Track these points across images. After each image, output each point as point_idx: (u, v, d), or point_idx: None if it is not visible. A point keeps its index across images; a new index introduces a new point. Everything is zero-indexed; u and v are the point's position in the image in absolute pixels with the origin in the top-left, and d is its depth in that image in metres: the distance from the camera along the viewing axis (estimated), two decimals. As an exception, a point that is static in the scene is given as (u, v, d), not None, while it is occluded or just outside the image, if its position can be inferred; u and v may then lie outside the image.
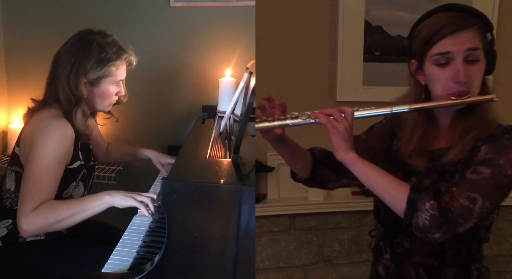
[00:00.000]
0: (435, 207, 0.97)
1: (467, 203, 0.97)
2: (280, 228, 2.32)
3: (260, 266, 2.31)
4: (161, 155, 2.04)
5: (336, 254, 2.37)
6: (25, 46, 2.46)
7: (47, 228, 1.45)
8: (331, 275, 2.38)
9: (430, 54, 1.07)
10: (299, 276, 2.37)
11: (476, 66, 1.06)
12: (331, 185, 1.28)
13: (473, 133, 1.07)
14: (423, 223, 0.97)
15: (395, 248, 1.19)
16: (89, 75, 1.57)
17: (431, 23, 1.08)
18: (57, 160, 1.48)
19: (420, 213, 0.98)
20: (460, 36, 1.04)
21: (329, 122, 1.05)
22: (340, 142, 1.05)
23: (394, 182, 1.05)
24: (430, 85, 1.11)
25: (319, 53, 2.32)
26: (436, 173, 1.10)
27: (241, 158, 1.43)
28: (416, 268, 1.15)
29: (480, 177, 0.99)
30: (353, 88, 2.32)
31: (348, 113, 1.06)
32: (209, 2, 2.40)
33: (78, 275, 1.31)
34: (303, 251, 2.35)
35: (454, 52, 1.04)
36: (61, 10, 2.43)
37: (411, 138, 1.14)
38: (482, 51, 1.07)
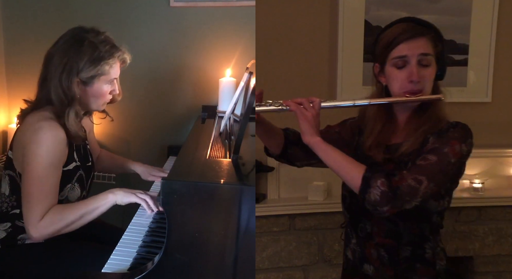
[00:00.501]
0: (385, 184, 1.11)
1: (414, 183, 1.11)
2: (280, 228, 2.32)
3: (260, 266, 2.31)
4: (150, 168, 1.97)
5: (336, 254, 2.37)
6: (25, 46, 2.45)
7: (57, 233, 1.47)
8: (331, 275, 2.38)
9: (390, 58, 1.23)
10: (299, 276, 2.37)
11: (428, 69, 1.22)
12: (299, 163, 1.40)
13: (423, 127, 1.22)
14: (374, 198, 1.11)
15: (359, 232, 1.32)
16: (82, 75, 1.52)
17: (391, 32, 1.25)
18: (53, 164, 1.47)
19: (372, 189, 1.12)
20: (414, 42, 1.21)
21: (298, 109, 1.22)
22: (307, 127, 1.21)
23: (352, 162, 1.19)
24: (389, 85, 1.26)
25: (319, 53, 2.32)
26: (392, 164, 1.24)
27: (241, 158, 1.43)
28: (377, 249, 1.28)
29: (427, 163, 1.14)
30: (353, 88, 2.32)
31: (316, 103, 1.23)
32: (209, 2, 2.40)
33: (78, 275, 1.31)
34: (303, 251, 2.35)
35: (409, 55, 1.21)
36: (61, 10, 2.42)
37: (371, 132, 1.30)
38: (434, 57, 1.23)
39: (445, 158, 1.14)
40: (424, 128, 1.21)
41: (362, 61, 2.31)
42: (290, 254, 2.34)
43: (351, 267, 1.36)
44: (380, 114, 1.29)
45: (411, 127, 1.25)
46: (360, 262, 1.32)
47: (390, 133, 1.29)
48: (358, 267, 1.33)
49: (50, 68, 1.54)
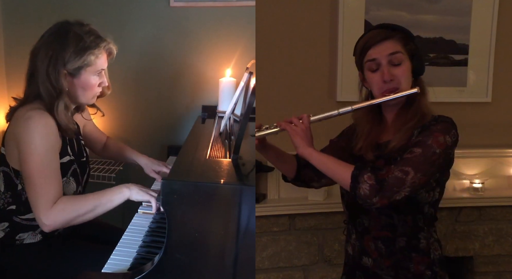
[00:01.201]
0: (372, 178, 1.19)
1: (401, 175, 1.19)
2: (280, 228, 2.32)
3: (260, 266, 2.31)
4: (153, 162, 1.96)
5: (336, 254, 2.37)
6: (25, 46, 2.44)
7: (68, 223, 1.47)
8: (331, 275, 2.38)
9: (364, 63, 1.34)
10: (299, 276, 2.37)
11: (400, 67, 1.30)
12: (316, 184, 1.50)
13: (409, 123, 1.29)
14: (364, 192, 1.19)
15: (357, 227, 1.39)
16: (68, 66, 1.51)
17: (363, 40, 1.35)
18: (50, 150, 1.47)
19: (361, 184, 1.20)
20: (382, 45, 1.30)
21: (288, 126, 1.32)
22: (298, 141, 1.30)
23: (342, 165, 1.27)
24: (371, 89, 1.36)
25: (319, 53, 2.32)
26: (383, 160, 1.31)
27: (241, 158, 1.44)
28: (374, 242, 1.35)
29: (412, 155, 1.21)
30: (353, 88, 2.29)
31: (304, 118, 1.32)
32: (209, 2, 2.40)
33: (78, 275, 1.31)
34: (303, 251, 2.35)
35: (379, 58, 1.30)
36: (61, 10, 2.42)
37: (361, 134, 1.39)
38: (406, 55, 1.30)
39: (429, 149, 1.21)
40: (410, 124, 1.29)
41: (362, 61, 2.31)
42: (290, 254, 2.34)
43: (351, 261, 1.43)
44: (368, 116, 1.38)
45: (398, 124, 1.33)
46: (359, 256, 1.39)
47: (379, 132, 1.38)
48: (358, 261, 1.40)
49: (37, 62, 1.53)
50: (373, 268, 1.36)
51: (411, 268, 1.32)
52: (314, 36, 2.30)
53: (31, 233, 1.59)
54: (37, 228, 1.58)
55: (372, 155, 1.34)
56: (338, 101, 2.31)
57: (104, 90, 1.68)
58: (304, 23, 2.29)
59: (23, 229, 1.58)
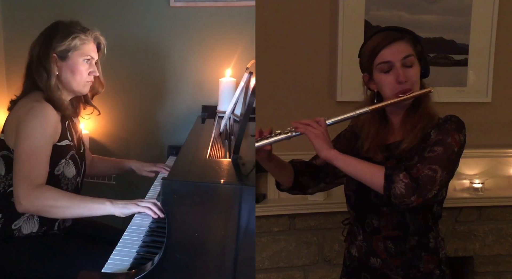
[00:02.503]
0: (407, 176, 1.19)
1: (431, 173, 1.20)
2: (280, 228, 2.32)
3: (260, 266, 2.31)
4: (144, 164, 2.01)
5: (336, 254, 2.37)
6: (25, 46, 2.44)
7: (42, 210, 1.49)
8: (331, 275, 2.38)
9: (375, 64, 1.32)
10: (299, 276, 2.37)
11: (412, 69, 1.30)
12: (310, 190, 1.50)
13: (420, 125, 1.30)
14: (400, 191, 1.18)
15: (366, 228, 1.38)
16: (57, 48, 1.62)
17: (372, 41, 1.34)
18: (44, 139, 1.53)
19: (396, 184, 1.19)
20: (394, 47, 1.30)
21: (307, 129, 1.28)
22: (320, 143, 1.27)
23: (372, 166, 1.26)
24: (380, 90, 1.35)
25: (319, 53, 2.32)
26: (394, 160, 1.31)
27: (241, 158, 1.44)
28: (384, 242, 1.35)
29: (435, 154, 1.22)
30: (353, 88, 2.30)
31: (321, 121, 1.30)
32: (209, 2, 2.40)
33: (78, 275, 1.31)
34: (303, 251, 2.35)
35: (392, 60, 1.29)
36: (61, 10, 2.42)
37: (367, 136, 1.38)
38: (416, 57, 1.32)
39: (450, 147, 1.23)
40: (421, 125, 1.30)
41: (362, 61, 2.31)
42: (290, 254, 2.34)
43: (356, 263, 1.42)
44: (373, 118, 1.38)
45: (407, 126, 1.34)
46: (366, 257, 1.38)
47: (386, 134, 1.38)
48: (364, 262, 1.39)
49: (32, 52, 1.66)
50: (382, 268, 1.36)
51: (421, 267, 1.33)
52: (314, 36, 2.30)
53: (27, 217, 1.60)
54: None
55: (382, 156, 1.34)
56: (338, 101, 2.31)
57: (97, 87, 1.77)
58: (304, 23, 2.29)
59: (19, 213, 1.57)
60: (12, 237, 1.59)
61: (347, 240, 1.48)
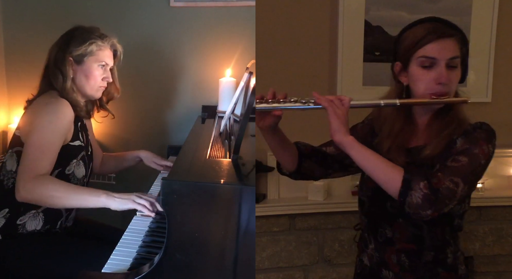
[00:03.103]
0: (427, 186, 1.07)
1: (452, 186, 1.09)
2: (280, 228, 2.32)
3: (260, 266, 2.31)
4: (154, 156, 2.02)
5: (336, 254, 2.37)
6: (25, 46, 2.46)
7: (40, 199, 1.50)
8: (331, 275, 2.38)
9: (416, 56, 1.19)
10: (299, 276, 2.37)
11: (455, 72, 1.19)
12: (316, 176, 1.38)
13: (447, 131, 1.19)
14: (417, 201, 1.07)
15: (378, 238, 1.29)
16: (73, 52, 1.67)
17: (418, 30, 1.20)
18: (56, 134, 1.56)
19: (414, 192, 1.07)
20: (443, 43, 1.17)
21: (331, 106, 1.15)
22: (339, 125, 1.15)
23: (389, 164, 1.14)
24: (412, 85, 1.22)
25: (319, 53, 2.32)
26: (415, 167, 1.19)
27: (241, 158, 1.43)
28: (398, 255, 1.25)
29: (459, 164, 1.11)
30: (353, 88, 2.32)
31: (346, 101, 1.18)
32: (209, 2, 2.40)
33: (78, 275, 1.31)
34: (303, 251, 2.35)
35: (438, 58, 1.17)
36: (61, 10, 2.42)
37: (389, 134, 1.25)
38: (460, 60, 1.20)
39: (476, 160, 1.13)
40: (448, 131, 1.19)
41: (362, 61, 2.31)
42: (290, 254, 2.34)
43: (368, 273, 1.34)
44: (398, 115, 1.25)
45: (433, 130, 1.22)
46: (378, 268, 1.30)
47: (409, 135, 1.26)
48: (376, 273, 1.30)
49: (50, 56, 1.71)
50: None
51: None
52: (314, 36, 2.30)
53: (33, 213, 1.61)
54: (40, 206, 1.61)
55: (403, 160, 1.20)
56: (338, 101, 2.30)
57: (112, 92, 1.81)
58: (304, 23, 2.29)
59: (25, 209, 1.59)
60: (16, 233, 1.59)
61: (359, 247, 1.39)
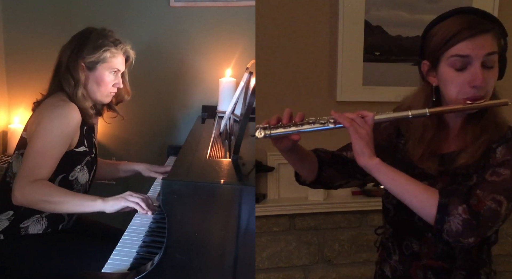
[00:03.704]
0: (467, 211, 0.97)
1: (495, 206, 0.97)
2: (280, 228, 2.32)
3: (260, 266, 2.31)
4: (151, 166, 2.00)
5: (336, 254, 2.37)
6: (25, 46, 2.45)
7: (36, 204, 1.50)
8: (331, 275, 2.38)
9: (447, 56, 1.06)
10: (299, 276, 2.37)
11: (492, 71, 1.06)
12: (336, 184, 1.28)
13: (484, 136, 1.07)
14: (456, 228, 0.97)
15: (404, 250, 1.18)
16: (86, 59, 1.65)
17: (449, 25, 1.06)
18: (60, 139, 1.55)
19: (452, 217, 0.97)
20: (479, 40, 1.03)
21: (353, 126, 1.05)
22: (363, 147, 1.04)
23: (421, 187, 1.04)
24: (443, 88, 1.10)
25: (319, 53, 2.32)
26: (448, 176, 1.10)
27: (241, 158, 1.43)
28: (424, 271, 1.15)
29: (501, 179, 1.00)
30: (353, 88, 2.32)
31: (369, 118, 1.06)
32: (209, 2, 2.40)
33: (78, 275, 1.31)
34: (303, 251, 2.35)
35: (472, 56, 1.03)
36: (61, 10, 2.43)
37: (420, 141, 1.13)
38: (497, 56, 1.07)
39: None
40: (485, 137, 1.07)
41: (362, 61, 2.31)
42: (290, 254, 2.34)
43: None
44: (431, 121, 1.13)
45: (467, 135, 1.10)
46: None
47: (441, 141, 1.15)
48: None
49: (62, 57, 1.69)
50: None
51: None
52: (314, 36, 2.30)
53: (37, 217, 1.61)
54: (43, 211, 1.61)
55: (437, 169, 1.11)
56: (338, 101, 2.31)
57: (123, 95, 1.82)
58: (304, 23, 2.29)
59: (29, 213, 1.60)
60: (18, 235, 1.60)
61: (381, 255, 1.28)
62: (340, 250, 2.38)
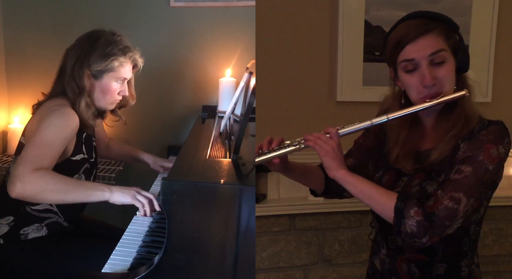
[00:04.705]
0: (419, 213, 1.02)
1: (452, 204, 1.02)
2: (280, 228, 2.32)
3: (260, 266, 2.31)
4: (160, 159, 2.03)
5: (336, 254, 2.37)
6: (25, 46, 2.45)
7: (38, 194, 1.39)
8: (331, 275, 2.38)
9: (399, 61, 1.13)
10: (299, 276, 2.37)
11: (443, 67, 1.10)
12: (347, 193, 1.30)
13: (453, 131, 1.11)
14: (411, 230, 1.03)
15: (389, 244, 1.24)
16: (93, 67, 1.61)
17: (397, 32, 1.14)
18: (59, 138, 1.49)
19: (407, 220, 1.03)
20: (421, 42, 1.09)
21: (317, 144, 1.14)
22: (329, 162, 1.13)
23: (383, 194, 1.10)
24: (406, 91, 1.16)
25: (319, 53, 2.32)
26: (424, 173, 1.15)
27: (241, 158, 1.43)
28: (408, 264, 1.19)
29: (462, 176, 1.04)
30: (353, 88, 2.32)
31: (333, 133, 1.15)
32: (209, 2, 2.40)
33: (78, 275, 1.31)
34: (303, 251, 2.35)
35: (418, 58, 1.09)
36: (61, 10, 2.43)
37: (396, 141, 1.20)
38: (449, 51, 1.11)
39: (481, 167, 1.03)
40: (454, 132, 1.11)
41: (362, 61, 2.31)
42: (290, 254, 2.34)
43: (379, 278, 1.29)
44: (404, 121, 1.18)
45: (439, 131, 1.15)
46: (389, 275, 1.25)
47: (417, 139, 1.20)
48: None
49: (67, 61, 1.63)
50: None
51: None
52: (314, 36, 2.30)
53: (36, 226, 1.60)
54: (43, 220, 1.60)
55: (413, 167, 1.16)
56: (338, 101, 2.31)
57: (127, 100, 1.78)
58: (304, 23, 2.29)
59: (29, 221, 1.59)
60: (17, 240, 1.59)
61: (372, 248, 1.34)
62: (340, 250, 2.38)
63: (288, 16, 2.28)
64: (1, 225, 1.59)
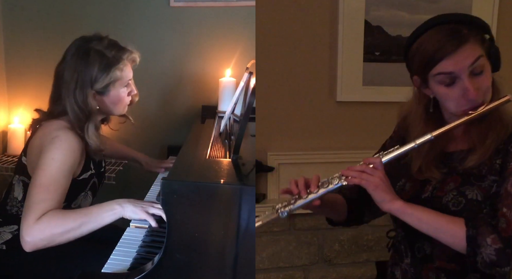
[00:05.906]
0: (497, 240, 0.95)
1: None
2: (280, 228, 2.32)
3: (260, 266, 2.31)
4: (153, 160, 2.01)
5: (336, 254, 2.37)
6: (25, 46, 2.45)
7: (51, 240, 1.35)
8: (331, 275, 2.38)
9: (433, 74, 1.05)
10: (299, 276, 2.37)
11: (483, 75, 1.04)
12: (366, 218, 1.30)
13: (492, 136, 1.05)
14: (490, 259, 0.95)
15: (416, 253, 1.17)
16: (96, 86, 1.50)
17: (427, 42, 1.05)
18: (64, 172, 1.43)
19: (483, 249, 0.96)
20: (460, 53, 1.01)
21: (363, 179, 1.06)
22: (382, 195, 1.05)
23: (449, 221, 1.03)
24: (441, 102, 1.09)
25: (319, 53, 2.32)
26: (459, 176, 1.08)
27: (241, 158, 1.43)
28: (436, 273, 1.13)
29: None
30: (353, 88, 2.32)
31: (378, 163, 1.07)
32: (209, 2, 2.40)
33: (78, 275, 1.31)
34: (303, 251, 2.35)
35: (457, 71, 1.02)
36: (61, 11, 2.42)
37: (418, 152, 1.12)
38: (485, 55, 1.04)
39: None
40: (493, 136, 1.05)
41: (362, 61, 2.31)
42: (290, 254, 2.34)
43: None
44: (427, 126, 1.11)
45: (472, 134, 1.08)
46: None
47: (445, 141, 1.13)
48: None
49: (62, 85, 1.51)
50: None
51: None
52: (314, 36, 2.30)
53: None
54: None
55: (440, 174, 1.10)
56: (338, 101, 2.30)
57: (133, 98, 1.69)
58: (304, 23, 2.29)
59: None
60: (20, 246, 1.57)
61: (392, 258, 1.27)
62: (340, 250, 2.38)
63: (288, 16, 2.28)
64: (5, 232, 1.58)
